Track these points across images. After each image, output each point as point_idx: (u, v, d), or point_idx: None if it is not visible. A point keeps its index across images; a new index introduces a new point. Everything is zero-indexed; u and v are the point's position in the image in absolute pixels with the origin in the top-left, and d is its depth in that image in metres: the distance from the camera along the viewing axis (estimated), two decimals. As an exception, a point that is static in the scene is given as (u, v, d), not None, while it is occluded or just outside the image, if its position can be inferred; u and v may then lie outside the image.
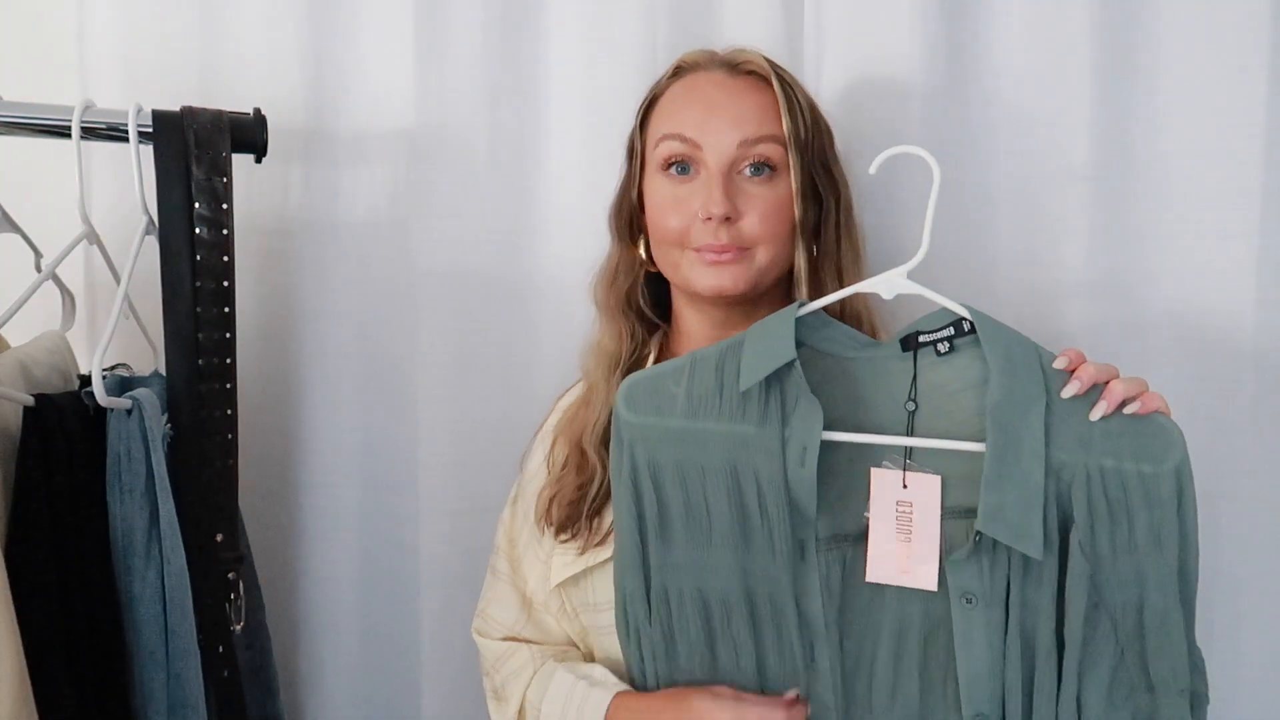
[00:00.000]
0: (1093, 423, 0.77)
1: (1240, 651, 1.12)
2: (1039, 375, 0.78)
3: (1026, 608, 0.78)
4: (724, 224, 0.91)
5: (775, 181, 0.93)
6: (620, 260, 1.02)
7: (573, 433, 0.99)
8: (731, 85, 0.95)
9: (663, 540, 0.84)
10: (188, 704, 0.92)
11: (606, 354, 1.01)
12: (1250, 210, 1.09)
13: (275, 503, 1.24)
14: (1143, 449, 0.76)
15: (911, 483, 0.81)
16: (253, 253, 1.18)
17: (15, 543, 0.84)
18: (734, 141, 0.91)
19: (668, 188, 0.95)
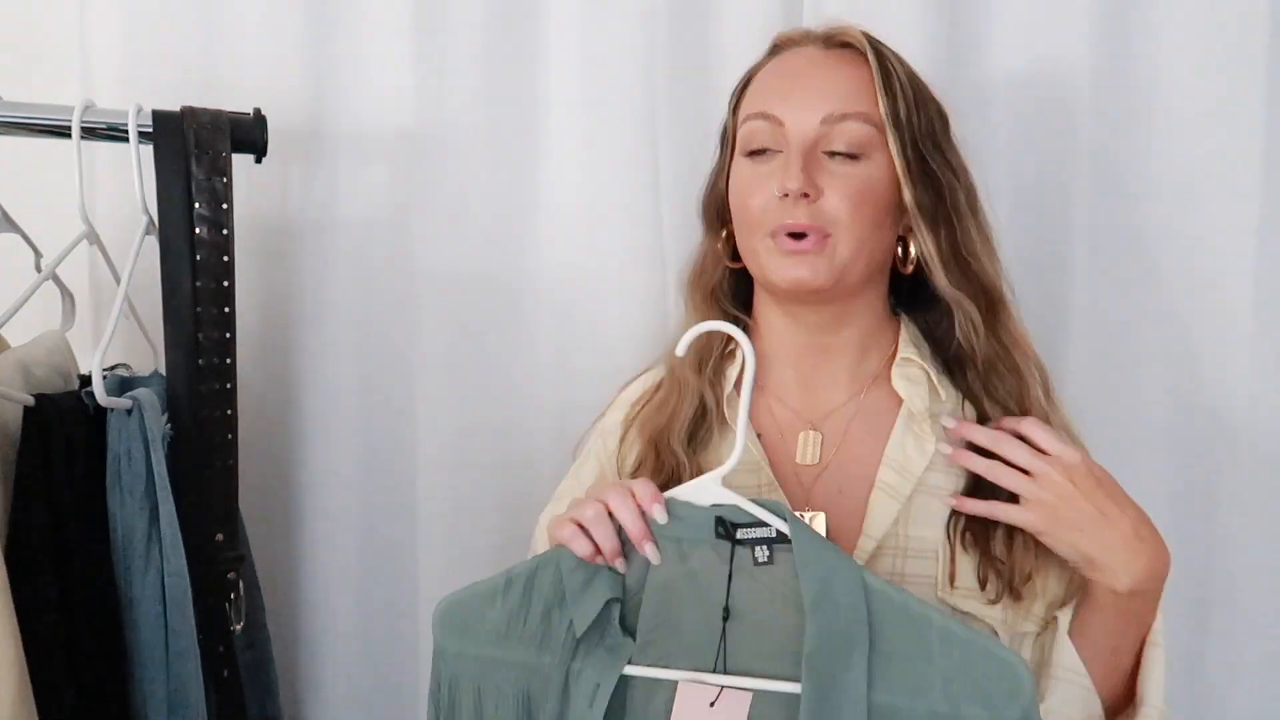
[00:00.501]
0: (929, 663, 0.68)
1: (1239, 652, 1.12)
2: (862, 610, 0.69)
3: None
4: (801, 200, 0.82)
5: (865, 163, 0.84)
6: (707, 252, 0.96)
7: (649, 432, 0.92)
8: (823, 59, 0.88)
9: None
10: (188, 704, 0.92)
11: (694, 348, 0.91)
12: (1249, 210, 1.09)
13: (275, 503, 1.24)
14: (983, 692, 0.67)
15: (721, 701, 0.72)
16: (253, 253, 1.18)
17: (15, 543, 0.84)
18: (817, 116, 0.83)
19: (750, 169, 0.87)
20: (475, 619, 0.78)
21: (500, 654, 0.77)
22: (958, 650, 0.68)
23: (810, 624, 0.69)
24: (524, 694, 0.76)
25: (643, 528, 0.74)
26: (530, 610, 0.77)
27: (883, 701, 0.68)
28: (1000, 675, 0.67)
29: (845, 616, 0.69)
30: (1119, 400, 1.14)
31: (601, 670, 0.74)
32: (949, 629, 0.69)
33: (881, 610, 0.69)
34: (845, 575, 0.70)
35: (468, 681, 0.77)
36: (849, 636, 0.69)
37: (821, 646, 0.69)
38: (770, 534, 0.72)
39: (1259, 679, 1.12)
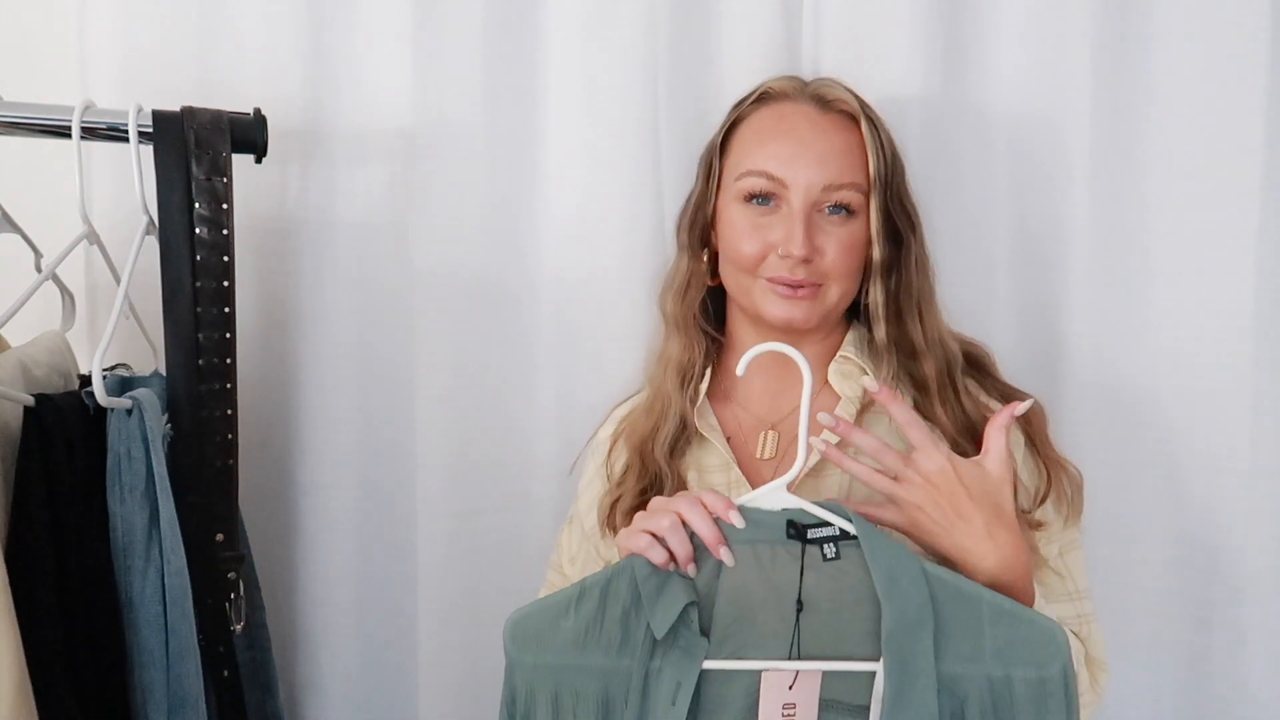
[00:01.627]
0: (982, 634, 0.78)
1: (1240, 653, 1.12)
2: (925, 594, 0.78)
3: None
4: (801, 263, 0.92)
5: (852, 222, 0.94)
6: (691, 273, 1.04)
7: (635, 440, 1.01)
8: (821, 122, 0.96)
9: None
10: (188, 704, 0.91)
11: (678, 365, 1.02)
12: (1249, 210, 1.09)
13: (275, 503, 1.24)
14: (1030, 655, 0.78)
15: (798, 685, 0.80)
16: (252, 253, 1.18)
17: (15, 543, 0.84)
18: (820, 184, 0.93)
19: (747, 215, 0.96)
20: (549, 629, 0.82)
21: (578, 661, 0.82)
22: (1005, 621, 0.78)
23: (886, 608, 0.78)
24: (603, 697, 0.82)
25: (717, 533, 0.80)
26: (606, 617, 0.82)
27: (948, 670, 0.78)
28: (1042, 639, 0.78)
29: (914, 600, 0.78)
30: (1119, 400, 1.14)
31: (681, 669, 0.80)
32: (997, 603, 0.79)
33: (939, 592, 0.79)
34: (908, 565, 0.79)
35: (544, 689, 0.82)
36: (919, 617, 0.78)
37: (898, 628, 0.78)
38: (835, 533, 0.81)
39: (1259, 680, 1.12)
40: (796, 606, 0.81)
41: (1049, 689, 0.78)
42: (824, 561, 0.81)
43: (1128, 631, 1.14)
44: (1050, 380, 1.14)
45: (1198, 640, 1.14)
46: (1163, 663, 1.15)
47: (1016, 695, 0.78)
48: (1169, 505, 1.14)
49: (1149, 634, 1.15)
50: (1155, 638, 1.15)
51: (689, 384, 1.01)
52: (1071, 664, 0.78)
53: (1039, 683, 0.78)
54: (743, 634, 0.81)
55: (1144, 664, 1.16)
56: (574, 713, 0.82)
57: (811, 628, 0.81)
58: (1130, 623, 1.15)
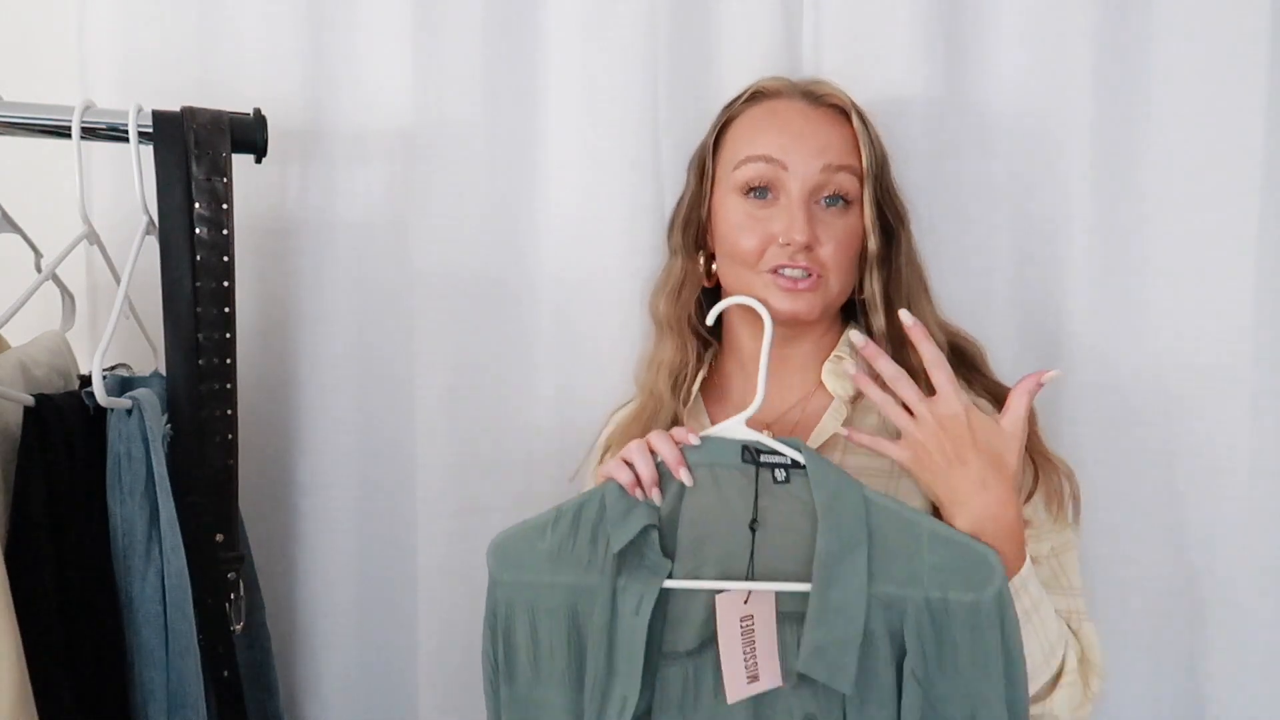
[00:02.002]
0: (920, 558, 0.82)
1: (1239, 652, 1.12)
2: (863, 519, 0.82)
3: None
4: (803, 250, 0.93)
5: (849, 213, 0.96)
6: (685, 275, 1.05)
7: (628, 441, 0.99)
8: (813, 114, 0.98)
9: (509, 681, 0.89)
10: (188, 704, 0.92)
11: (670, 367, 1.03)
12: (1249, 210, 1.09)
13: (275, 503, 1.24)
14: (966, 579, 0.81)
15: (752, 599, 0.85)
16: (252, 253, 1.18)
17: (15, 543, 0.84)
18: (818, 166, 0.94)
19: (746, 209, 0.96)
20: (527, 550, 0.88)
21: (551, 578, 0.88)
22: (942, 546, 0.82)
23: (821, 528, 0.82)
24: (572, 610, 0.88)
25: (678, 454, 0.86)
26: (578, 537, 0.88)
27: (883, 591, 0.82)
28: (978, 563, 0.82)
29: (849, 522, 0.82)
30: (1119, 400, 1.14)
31: (644, 584, 0.85)
32: (935, 529, 0.83)
33: (880, 517, 0.83)
34: (849, 490, 0.84)
35: (522, 605, 0.88)
36: (853, 539, 0.82)
37: (831, 546, 0.82)
38: (787, 460, 0.85)
39: (1259, 679, 1.12)
40: (751, 525, 0.86)
41: (983, 610, 0.80)
42: (775, 484, 0.85)
43: (1126, 631, 1.15)
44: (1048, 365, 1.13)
45: (1196, 640, 1.15)
46: (1161, 662, 1.15)
47: (953, 616, 0.81)
48: (1168, 505, 1.14)
49: (1148, 633, 1.15)
50: (1154, 637, 1.15)
51: (681, 386, 1.02)
52: (1007, 588, 0.81)
53: (974, 605, 0.81)
54: (703, 552, 0.86)
55: (1143, 663, 1.16)
56: (549, 627, 0.88)
57: (766, 546, 0.85)
58: (1129, 622, 1.15)
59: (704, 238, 1.03)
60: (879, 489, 0.92)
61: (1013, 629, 0.81)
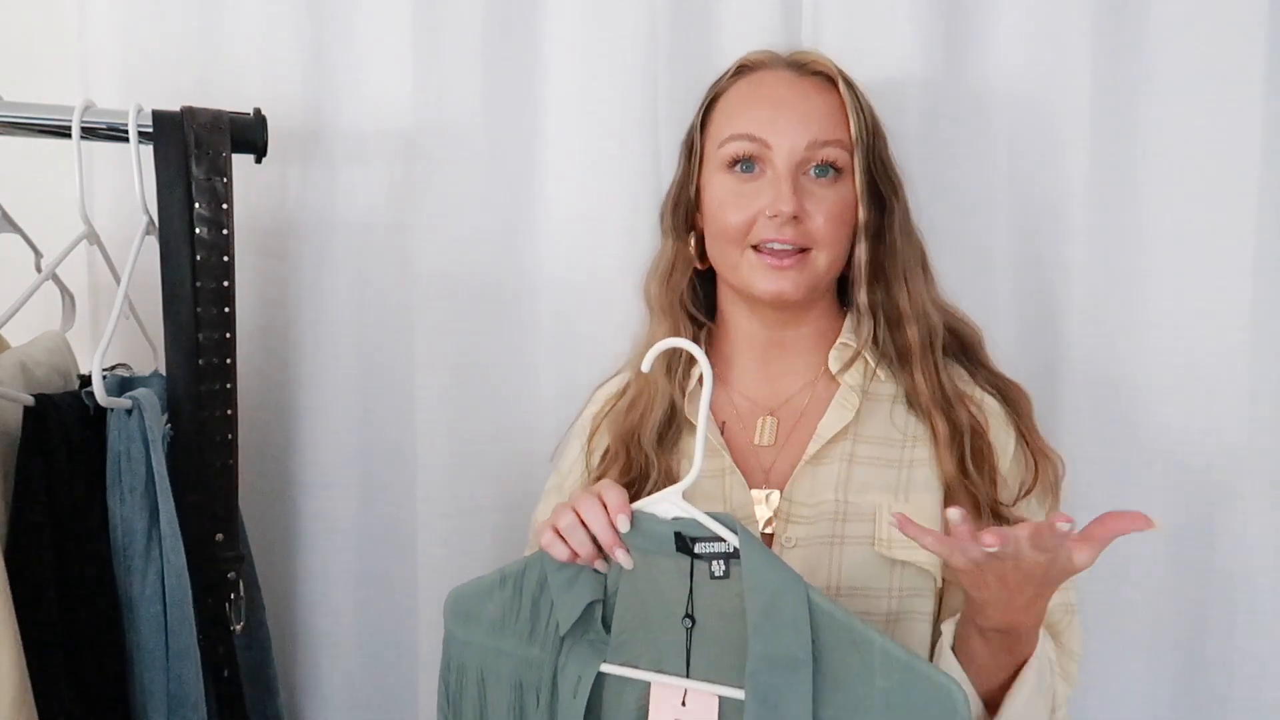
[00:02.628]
0: (871, 684, 0.71)
1: (1236, 649, 1.12)
2: (806, 632, 0.72)
3: None
4: (790, 222, 0.90)
5: (839, 184, 0.93)
6: (677, 257, 1.02)
7: (618, 430, 0.99)
8: (799, 84, 0.95)
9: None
10: (188, 704, 0.92)
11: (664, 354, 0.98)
12: (1248, 209, 1.09)
13: (275, 503, 1.24)
14: (921, 713, 0.70)
15: (691, 701, 0.77)
16: (253, 253, 1.18)
17: (15, 543, 0.84)
18: (803, 141, 0.91)
19: (732, 184, 0.94)
20: (477, 610, 0.85)
21: (497, 644, 0.84)
22: (897, 672, 0.71)
23: (753, 643, 0.73)
24: (517, 682, 0.84)
25: (612, 535, 0.79)
26: (521, 606, 0.83)
27: (829, 717, 0.72)
28: (937, 697, 0.70)
29: (789, 637, 0.72)
30: (1119, 399, 1.14)
31: (583, 664, 0.80)
32: (889, 651, 0.71)
33: (826, 630, 0.72)
34: (792, 594, 0.73)
35: (473, 667, 0.85)
36: (794, 657, 0.72)
37: (763, 667, 0.72)
38: (726, 549, 0.76)
39: (1258, 679, 1.12)
40: (687, 622, 0.78)
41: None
42: (711, 579, 0.77)
43: (1124, 628, 1.14)
44: (1047, 372, 1.14)
45: (1194, 636, 1.14)
46: (1159, 659, 1.15)
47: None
48: (1165, 501, 1.14)
49: (1146, 630, 1.15)
50: (1152, 634, 1.15)
51: (676, 369, 0.99)
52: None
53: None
54: (640, 642, 0.80)
55: (1140, 660, 1.16)
56: (495, 693, 0.84)
57: (704, 645, 0.78)
58: (1127, 619, 1.15)
59: (694, 219, 1.01)
60: (889, 486, 0.90)
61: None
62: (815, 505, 0.91)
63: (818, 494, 0.91)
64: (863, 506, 0.90)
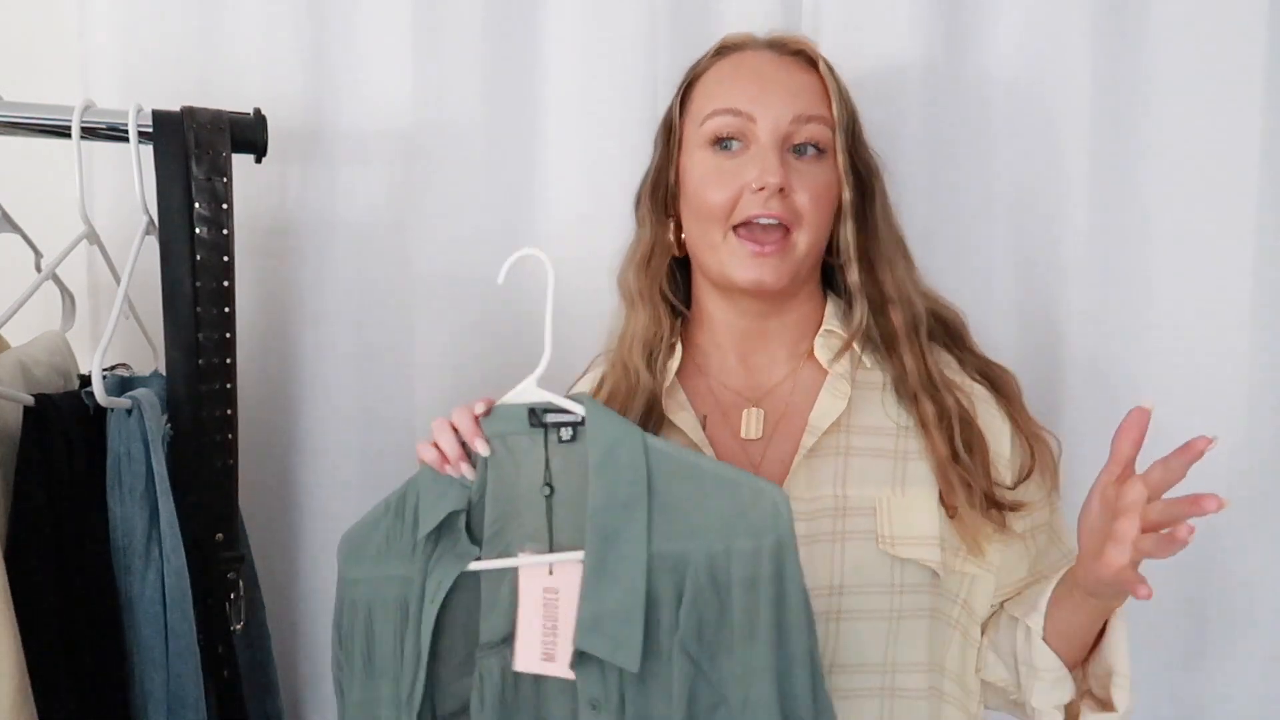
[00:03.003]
0: (705, 507, 0.74)
1: (1236, 649, 1.13)
2: (642, 471, 0.75)
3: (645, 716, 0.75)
4: (776, 195, 0.88)
5: (821, 163, 0.92)
6: (655, 243, 0.99)
7: None
8: (781, 62, 0.94)
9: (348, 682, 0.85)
10: (188, 704, 0.92)
11: (644, 340, 0.97)
12: (1247, 209, 1.09)
13: (275, 503, 1.24)
14: (749, 523, 0.73)
15: (557, 570, 0.79)
16: (252, 253, 1.18)
17: (15, 543, 0.84)
18: (788, 115, 0.90)
19: (714, 161, 0.92)
20: (364, 542, 0.85)
21: (384, 571, 0.84)
22: (728, 491, 0.75)
23: (593, 486, 0.76)
24: (402, 602, 0.83)
25: (472, 425, 0.83)
26: (403, 526, 0.84)
27: (664, 549, 0.75)
28: (761, 506, 0.74)
29: (626, 476, 0.76)
30: (1118, 399, 1.14)
31: (444, 571, 0.81)
32: (720, 473, 0.76)
33: (661, 466, 0.76)
34: (629, 441, 0.77)
35: (361, 603, 0.85)
36: (630, 494, 0.75)
37: (603, 505, 0.75)
38: (575, 418, 0.80)
39: (1258, 678, 1.12)
40: (545, 490, 0.81)
41: (761, 559, 0.73)
42: (559, 444, 0.81)
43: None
44: (1047, 371, 1.14)
45: (1195, 636, 1.15)
46: (1159, 659, 1.15)
47: (733, 567, 0.73)
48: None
49: (1146, 630, 1.15)
50: (1153, 635, 1.15)
51: (656, 360, 0.96)
52: (791, 533, 0.73)
53: (754, 553, 0.73)
54: (508, 532, 0.81)
55: (1140, 660, 1.15)
56: (381, 623, 0.84)
57: (563, 511, 0.80)
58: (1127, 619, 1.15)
59: (673, 204, 0.98)
60: (886, 479, 0.89)
61: (793, 586, 0.73)
62: (813, 500, 0.89)
63: (815, 488, 0.90)
64: (862, 501, 0.89)
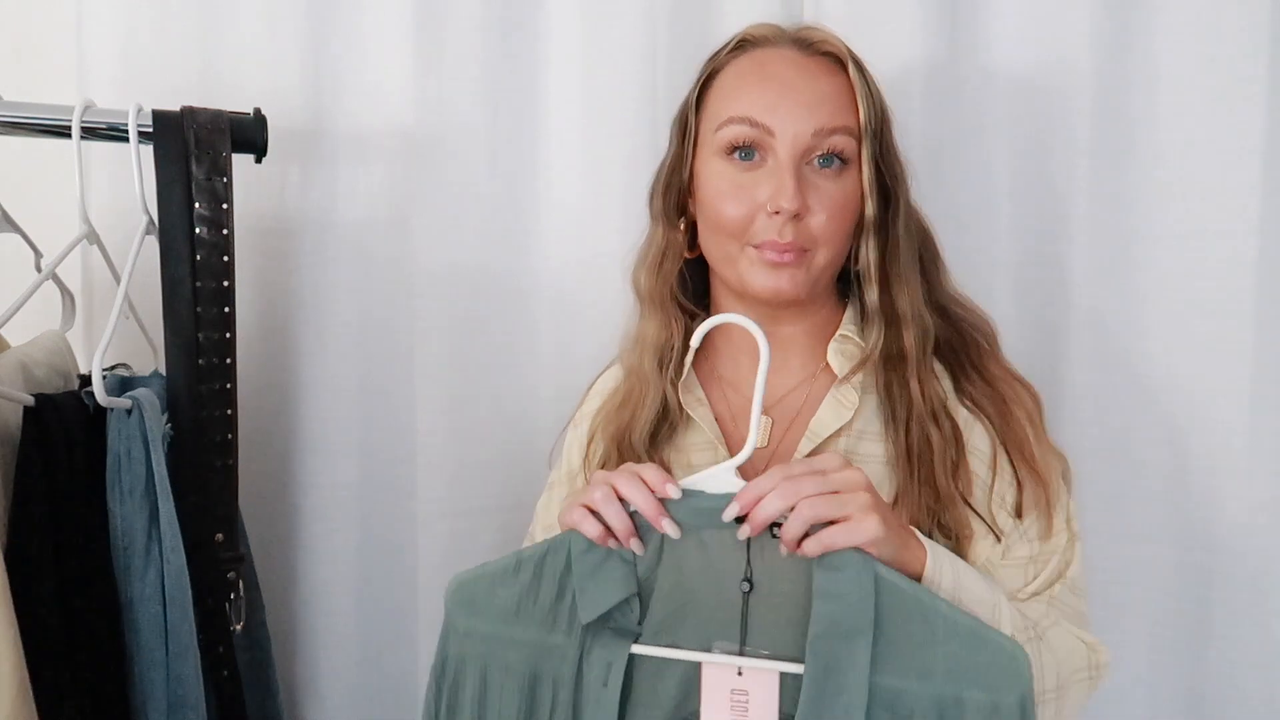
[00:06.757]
0: (934, 649, 0.71)
1: (1238, 652, 1.12)
2: (870, 597, 0.71)
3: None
4: (791, 220, 0.84)
5: (844, 175, 0.87)
6: (667, 244, 0.95)
7: (612, 432, 0.94)
8: (805, 65, 0.88)
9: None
10: (188, 704, 0.91)
11: (654, 345, 0.94)
12: (1250, 207, 1.09)
13: (275, 503, 1.24)
14: (985, 677, 0.70)
15: (748, 673, 0.75)
16: (252, 253, 1.18)
17: (15, 543, 0.84)
18: (809, 129, 0.85)
19: (729, 173, 0.87)
20: (486, 596, 0.79)
21: (509, 632, 0.78)
22: (962, 637, 0.71)
23: (817, 608, 0.72)
24: (531, 673, 0.78)
25: (656, 505, 0.76)
26: (541, 590, 0.78)
27: (887, 684, 0.71)
28: (1001, 662, 0.70)
29: (853, 602, 0.71)
30: (1118, 399, 1.14)
31: (611, 649, 0.76)
32: (954, 618, 0.72)
33: (890, 599, 0.72)
34: (859, 566, 0.72)
35: (475, 660, 0.79)
36: (856, 622, 0.71)
37: (827, 630, 0.71)
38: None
39: (1258, 679, 1.12)
40: (744, 587, 0.75)
41: (1004, 715, 0.70)
42: (771, 539, 0.74)
43: (1126, 630, 1.14)
44: (1047, 371, 1.13)
45: (1195, 637, 1.14)
46: (1161, 661, 1.15)
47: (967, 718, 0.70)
48: (1168, 504, 1.14)
49: (1147, 633, 1.15)
50: (1153, 637, 1.15)
51: (667, 365, 0.93)
52: (1032, 694, 0.71)
53: (992, 709, 0.70)
54: (683, 626, 0.76)
55: (1142, 662, 1.16)
56: (500, 688, 0.79)
57: (762, 610, 0.75)
58: (1128, 621, 1.15)
59: (686, 204, 0.94)
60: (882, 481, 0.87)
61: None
62: None
63: None
64: None
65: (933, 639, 0.71)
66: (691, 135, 0.92)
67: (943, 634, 0.71)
